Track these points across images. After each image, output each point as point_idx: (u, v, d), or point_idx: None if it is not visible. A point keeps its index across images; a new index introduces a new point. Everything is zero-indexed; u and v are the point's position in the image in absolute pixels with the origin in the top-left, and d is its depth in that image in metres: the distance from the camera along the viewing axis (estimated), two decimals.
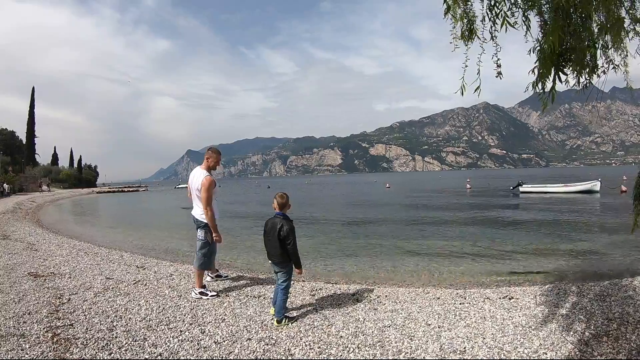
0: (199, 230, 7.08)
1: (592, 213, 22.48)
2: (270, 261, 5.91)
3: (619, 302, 6.12)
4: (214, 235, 7.11)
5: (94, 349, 4.69)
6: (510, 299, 6.63)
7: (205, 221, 6.96)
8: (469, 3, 3.78)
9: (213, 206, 7.04)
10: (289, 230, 5.67)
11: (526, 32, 3.72)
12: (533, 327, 5.22)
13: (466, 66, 3.75)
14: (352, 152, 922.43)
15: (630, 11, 3.74)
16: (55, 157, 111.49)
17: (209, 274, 7.98)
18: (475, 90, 3.81)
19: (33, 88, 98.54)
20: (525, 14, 3.68)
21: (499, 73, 3.81)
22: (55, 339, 4.92)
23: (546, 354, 4.47)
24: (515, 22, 3.65)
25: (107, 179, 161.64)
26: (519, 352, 4.54)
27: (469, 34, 3.81)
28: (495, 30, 3.75)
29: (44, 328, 5.28)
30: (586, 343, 4.68)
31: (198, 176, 7.01)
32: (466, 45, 3.82)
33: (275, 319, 5.71)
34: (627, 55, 3.82)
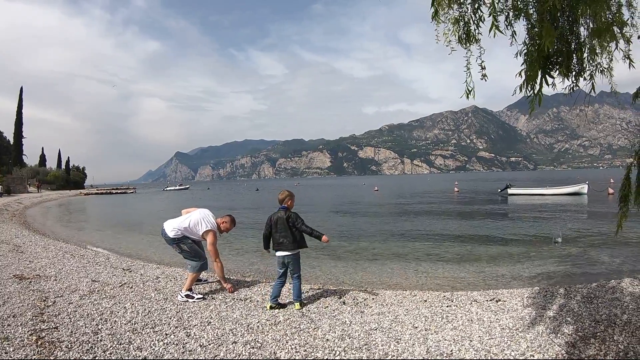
0: (171, 245, 7.25)
1: (579, 215, 22.59)
2: (280, 253, 6.46)
3: (606, 304, 6.16)
4: (225, 286, 7.50)
5: (79, 352, 4.64)
6: (497, 301, 6.64)
7: (173, 237, 7.09)
8: (463, 7, 3.78)
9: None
10: (296, 215, 6.48)
11: (512, 36, 3.73)
12: (520, 330, 5.22)
13: (467, 69, 3.75)
14: (341, 155, 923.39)
15: (617, 15, 3.75)
16: (43, 158, 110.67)
17: None
18: (469, 94, 3.81)
19: (21, 88, 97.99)
20: (508, 19, 3.69)
21: (484, 75, 3.81)
22: (39, 342, 4.86)
23: (533, 356, 4.47)
24: (498, 26, 3.65)
25: (95, 181, 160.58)
26: (506, 354, 4.54)
27: (466, 38, 3.81)
28: (479, 33, 3.75)
29: (28, 331, 5.21)
30: (573, 345, 4.69)
31: (208, 221, 7.27)
32: (465, 47, 3.83)
33: (297, 303, 6.52)
34: (612, 60, 3.83)
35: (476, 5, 3.69)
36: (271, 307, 6.36)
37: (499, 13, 3.63)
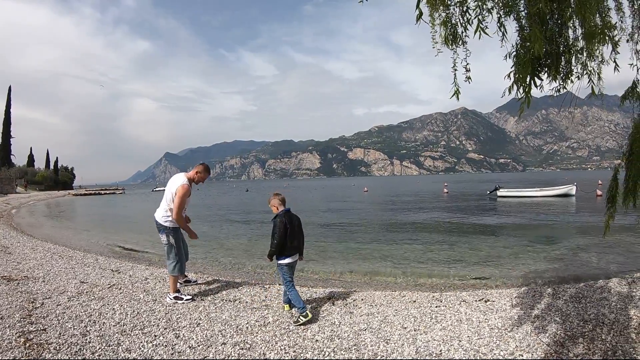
0: (160, 234, 7.04)
1: (567, 217, 22.69)
2: (295, 257, 6.34)
3: (594, 303, 6.19)
4: (189, 233, 7.21)
5: (67, 354, 4.61)
6: (486, 301, 6.67)
7: (166, 224, 6.93)
8: (449, 9, 3.79)
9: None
10: None
11: (502, 37, 3.74)
12: (509, 329, 5.25)
13: (455, 70, 3.76)
14: (330, 156, 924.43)
15: (606, 18, 3.78)
16: (31, 159, 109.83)
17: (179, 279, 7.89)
18: (453, 95, 3.82)
19: (9, 87, 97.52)
20: (501, 20, 3.69)
21: (468, 77, 3.83)
22: (27, 344, 4.83)
23: (522, 355, 4.49)
24: (487, 27, 3.65)
25: (83, 181, 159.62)
26: (495, 354, 4.56)
27: (452, 39, 3.82)
28: (466, 36, 3.77)
29: (16, 333, 5.17)
30: (562, 344, 4.72)
31: (177, 181, 6.96)
32: (451, 49, 3.83)
33: (288, 305, 6.44)
34: (602, 61, 3.86)
35: (464, 8, 3.71)
36: (309, 318, 5.86)
37: (487, 14, 3.64)
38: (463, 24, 3.73)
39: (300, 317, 5.72)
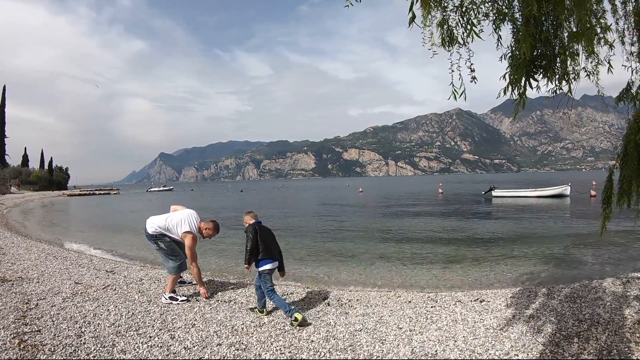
0: (150, 242, 7.11)
1: (562, 217, 22.73)
2: (275, 264, 6.33)
3: (589, 303, 6.21)
4: (200, 290, 7.25)
5: (62, 356, 4.60)
6: (481, 301, 6.68)
7: (151, 234, 7.01)
8: (446, 11, 3.78)
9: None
10: None
11: (497, 40, 3.74)
12: (504, 329, 5.26)
13: (452, 71, 3.75)
14: (325, 157, 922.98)
15: (601, 20, 3.79)
16: (25, 158, 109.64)
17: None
18: (459, 96, 3.81)
19: (4, 86, 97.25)
20: (496, 23, 3.69)
21: (473, 77, 3.82)
22: (22, 345, 4.81)
23: (517, 355, 4.50)
24: (482, 30, 3.65)
25: (78, 182, 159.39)
26: (490, 354, 4.56)
27: (449, 40, 3.82)
28: (467, 36, 3.76)
29: (10, 334, 5.15)
30: (557, 344, 4.73)
31: (188, 223, 7.06)
32: (448, 50, 3.82)
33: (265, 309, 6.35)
34: (598, 63, 3.87)
35: (463, 10, 3.70)
36: (301, 320, 5.76)
37: (482, 17, 3.64)
38: (462, 25, 3.72)
39: (292, 322, 5.74)
